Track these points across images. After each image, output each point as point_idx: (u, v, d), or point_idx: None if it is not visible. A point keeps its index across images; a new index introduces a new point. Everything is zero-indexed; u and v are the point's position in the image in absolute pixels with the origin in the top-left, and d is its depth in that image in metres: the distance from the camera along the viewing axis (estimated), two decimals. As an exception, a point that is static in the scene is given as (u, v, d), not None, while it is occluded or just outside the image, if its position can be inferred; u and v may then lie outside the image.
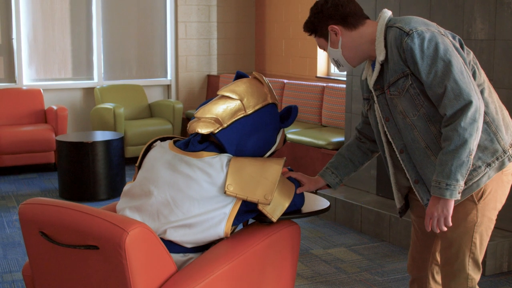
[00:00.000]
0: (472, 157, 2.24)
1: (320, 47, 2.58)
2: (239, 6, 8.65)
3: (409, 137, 2.41)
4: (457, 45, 2.38)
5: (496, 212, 2.46)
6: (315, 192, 2.92)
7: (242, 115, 2.57)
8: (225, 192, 2.43)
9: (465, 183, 2.33)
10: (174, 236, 2.46)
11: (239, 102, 2.57)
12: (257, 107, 2.61)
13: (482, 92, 2.37)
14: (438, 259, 2.65)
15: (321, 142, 5.96)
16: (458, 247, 2.43)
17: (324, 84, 6.72)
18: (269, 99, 2.66)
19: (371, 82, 2.48)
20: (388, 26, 2.38)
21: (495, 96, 2.44)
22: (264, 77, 2.71)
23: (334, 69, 7.43)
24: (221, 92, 2.60)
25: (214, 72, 8.59)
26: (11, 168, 7.15)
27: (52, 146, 6.94)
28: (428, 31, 2.30)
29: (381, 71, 2.43)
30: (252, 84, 2.65)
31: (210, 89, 8.55)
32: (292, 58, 8.06)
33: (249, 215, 2.55)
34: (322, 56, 7.54)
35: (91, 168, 5.95)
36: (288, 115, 2.71)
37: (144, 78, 8.38)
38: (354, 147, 2.78)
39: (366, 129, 2.74)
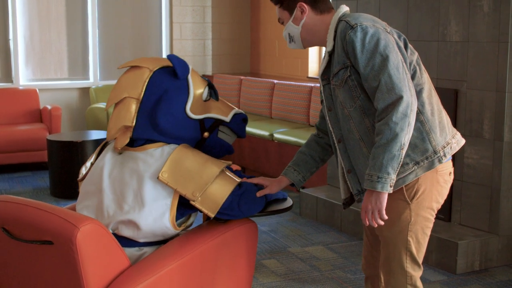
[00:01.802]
0: (403, 151, 2.30)
1: (279, 20, 2.61)
2: (234, 7, 8.73)
3: (346, 128, 2.48)
4: (401, 44, 2.46)
5: (433, 212, 2.52)
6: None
7: (137, 106, 2.61)
8: (158, 178, 2.49)
9: None
10: (126, 232, 2.54)
11: (126, 98, 2.62)
12: (143, 89, 2.62)
13: (420, 92, 2.44)
14: None
15: (307, 142, 6.03)
16: (394, 246, 2.50)
17: (312, 85, 6.79)
18: (148, 72, 2.63)
19: (319, 72, 2.55)
20: (340, 19, 2.46)
21: (435, 99, 2.50)
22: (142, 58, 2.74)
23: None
24: (107, 107, 2.69)
25: (209, 72, 8.68)
26: (6, 167, 7.27)
27: (45, 145, 7.05)
28: (373, 27, 2.38)
29: (330, 63, 2.50)
30: (128, 75, 2.67)
31: (205, 89, 8.64)
32: (285, 59, 8.14)
33: (190, 210, 2.62)
34: (313, 57, 7.62)
35: (81, 167, 6.04)
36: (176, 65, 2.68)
37: (140, 78, 8.47)
38: (313, 143, 2.82)
39: (323, 124, 2.79)
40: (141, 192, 2.52)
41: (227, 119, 2.76)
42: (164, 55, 8.50)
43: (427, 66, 4.54)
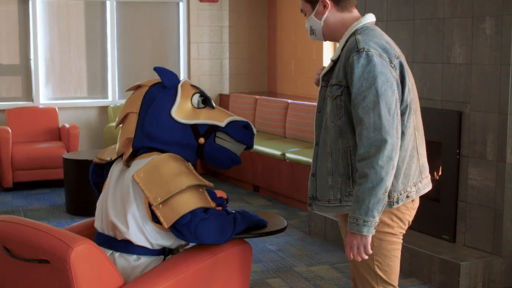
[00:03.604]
0: (387, 194, 2.33)
1: (302, 11, 2.61)
2: (251, 27, 8.84)
3: (323, 137, 2.51)
4: (399, 78, 2.39)
5: (398, 235, 2.54)
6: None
7: (136, 118, 2.79)
8: (133, 176, 2.62)
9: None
10: (119, 233, 2.71)
11: (129, 114, 2.82)
12: (139, 103, 2.81)
13: (402, 134, 2.41)
14: None
15: (317, 162, 6.08)
16: (364, 270, 2.55)
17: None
18: (146, 88, 2.84)
19: (323, 72, 2.54)
20: (355, 32, 2.43)
21: (411, 144, 2.47)
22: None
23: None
24: (115, 126, 2.97)
25: (226, 91, 8.79)
26: (26, 184, 7.43)
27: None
28: (379, 57, 2.33)
29: (333, 68, 2.49)
30: (131, 95, 2.90)
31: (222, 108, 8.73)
32: (300, 79, 8.22)
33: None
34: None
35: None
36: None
37: (157, 97, 8.60)
38: None
39: None
40: (127, 193, 2.68)
41: (222, 124, 2.84)
42: (182, 75, 8.63)
43: (432, 88, 4.60)
